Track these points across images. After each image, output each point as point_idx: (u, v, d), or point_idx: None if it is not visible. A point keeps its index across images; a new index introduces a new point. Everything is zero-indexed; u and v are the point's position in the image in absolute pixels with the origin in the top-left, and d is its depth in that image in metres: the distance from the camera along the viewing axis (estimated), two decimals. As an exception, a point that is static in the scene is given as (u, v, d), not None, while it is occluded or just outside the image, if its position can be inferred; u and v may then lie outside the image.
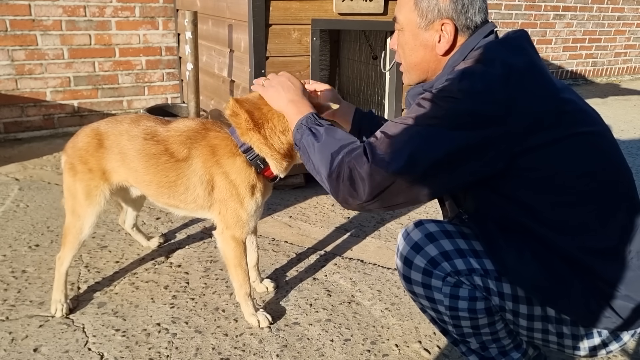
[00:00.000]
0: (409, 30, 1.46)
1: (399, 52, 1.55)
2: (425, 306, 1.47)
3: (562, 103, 1.28)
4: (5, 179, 3.15)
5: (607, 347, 1.37)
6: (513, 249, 1.32)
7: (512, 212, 1.32)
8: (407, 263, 1.41)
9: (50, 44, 3.82)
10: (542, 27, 6.34)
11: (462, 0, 1.37)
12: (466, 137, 1.23)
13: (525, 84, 1.25)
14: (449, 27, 1.40)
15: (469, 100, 1.24)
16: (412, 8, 1.43)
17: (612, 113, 5.49)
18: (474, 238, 1.41)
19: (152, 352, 1.77)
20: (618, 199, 1.31)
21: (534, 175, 1.27)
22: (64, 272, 1.94)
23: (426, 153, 1.25)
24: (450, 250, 1.38)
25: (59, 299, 1.94)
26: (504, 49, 1.34)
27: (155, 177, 1.82)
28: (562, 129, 1.25)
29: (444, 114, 1.25)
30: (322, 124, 1.46)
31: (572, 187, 1.27)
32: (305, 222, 2.79)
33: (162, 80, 4.32)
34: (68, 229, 1.93)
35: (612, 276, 1.28)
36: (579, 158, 1.27)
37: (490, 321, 1.42)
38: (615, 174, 1.32)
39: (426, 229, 1.40)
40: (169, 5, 4.14)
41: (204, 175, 1.78)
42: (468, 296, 1.37)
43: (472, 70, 1.28)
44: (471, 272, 1.36)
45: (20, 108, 3.86)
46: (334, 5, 2.87)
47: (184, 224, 2.69)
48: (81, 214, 1.90)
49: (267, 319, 1.93)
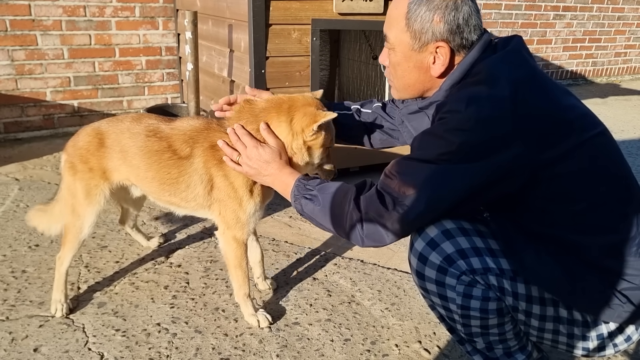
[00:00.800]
0: (401, 52, 1.42)
1: (389, 70, 1.50)
2: (436, 303, 1.45)
3: (565, 113, 1.28)
4: (5, 179, 3.15)
5: (616, 347, 1.38)
6: (531, 249, 1.32)
7: (530, 217, 1.33)
8: (422, 259, 1.38)
9: (50, 44, 3.82)
10: (542, 27, 6.34)
11: (456, 21, 1.32)
12: (484, 167, 1.22)
13: (532, 100, 1.23)
14: (444, 50, 1.36)
15: (480, 129, 1.21)
16: (404, 29, 1.38)
17: (612, 113, 5.49)
18: (490, 236, 1.40)
19: (152, 352, 1.77)
20: (626, 193, 1.32)
21: (551, 185, 1.27)
22: (63, 272, 1.94)
23: (445, 194, 1.25)
24: (466, 248, 1.35)
25: (59, 299, 1.94)
26: (506, 64, 1.30)
27: (158, 174, 1.82)
28: (574, 138, 1.25)
29: (457, 148, 1.23)
30: (312, 187, 1.47)
31: (587, 191, 1.28)
32: (305, 222, 2.79)
33: (162, 80, 4.32)
34: (68, 228, 1.92)
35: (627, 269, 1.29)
36: (590, 163, 1.28)
37: (500, 322, 1.41)
38: (620, 169, 1.34)
39: (442, 225, 1.36)
40: (169, 5, 4.14)
41: (204, 174, 1.78)
42: (481, 296, 1.35)
43: (477, 94, 1.25)
44: (487, 272, 1.34)
45: (20, 108, 3.86)
46: (334, 5, 2.87)
47: (184, 224, 2.69)
48: (81, 213, 1.89)
49: (267, 319, 1.93)
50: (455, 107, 1.26)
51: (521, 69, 1.29)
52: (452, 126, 1.25)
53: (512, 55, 1.33)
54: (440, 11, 1.32)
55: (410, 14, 1.35)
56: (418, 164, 1.28)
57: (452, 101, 1.29)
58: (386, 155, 3.38)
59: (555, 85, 1.34)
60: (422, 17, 1.33)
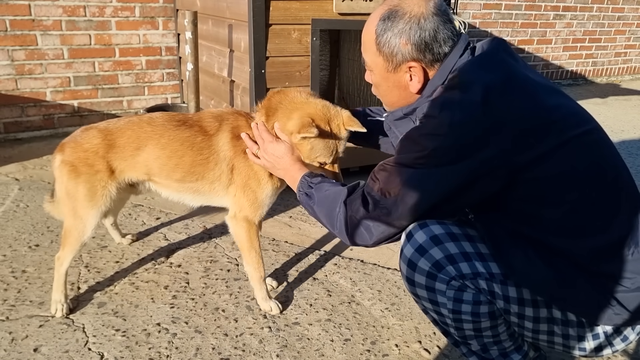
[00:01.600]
0: (379, 73, 1.48)
1: (374, 88, 1.57)
2: (428, 308, 1.47)
3: (547, 113, 1.27)
4: (5, 179, 3.15)
5: (613, 347, 1.38)
6: (519, 251, 1.32)
7: (515, 220, 1.33)
8: (411, 265, 1.39)
9: (50, 44, 3.82)
10: (542, 27, 6.34)
11: (423, 40, 1.36)
12: (457, 170, 1.25)
13: (505, 102, 1.24)
14: (416, 69, 1.40)
15: (452, 134, 1.25)
16: (376, 53, 1.43)
17: (612, 113, 5.49)
18: (479, 240, 1.40)
19: (152, 352, 1.77)
20: (617, 193, 1.31)
21: (531, 188, 1.27)
22: (63, 272, 1.94)
23: (423, 196, 1.29)
24: (455, 253, 1.36)
25: (59, 299, 1.94)
26: (479, 68, 1.33)
27: (187, 159, 1.87)
28: (554, 139, 1.25)
29: (431, 153, 1.27)
30: (312, 184, 1.54)
31: (572, 193, 1.27)
32: (305, 222, 2.79)
33: (162, 80, 4.32)
34: (69, 231, 1.91)
35: (618, 272, 1.28)
36: (575, 163, 1.27)
37: (493, 324, 1.42)
38: (612, 168, 1.33)
39: (431, 231, 1.37)
40: (169, 5, 4.14)
41: (228, 150, 1.87)
42: (472, 300, 1.36)
43: (449, 99, 1.28)
44: (476, 276, 1.35)
45: (20, 108, 3.86)
46: (334, 5, 2.87)
47: (184, 225, 2.69)
48: (84, 216, 1.88)
49: (278, 307, 2.00)
50: (431, 112, 1.31)
51: (495, 72, 1.30)
52: (427, 131, 1.30)
53: (486, 58, 1.35)
54: (405, 34, 1.36)
55: (379, 39, 1.41)
56: (397, 168, 1.33)
57: (429, 106, 1.33)
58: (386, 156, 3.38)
59: (539, 85, 1.33)
60: (390, 42, 1.39)
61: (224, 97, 3.38)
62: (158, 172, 1.91)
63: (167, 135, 1.87)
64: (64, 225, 1.93)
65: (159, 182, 1.96)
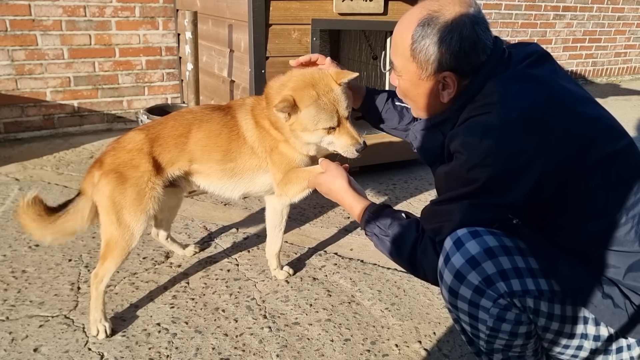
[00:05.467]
0: (409, 79, 1.41)
1: (399, 92, 1.52)
2: (463, 320, 1.39)
3: (588, 127, 1.26)
4: (5, 179, 3.15)
5: None
6: (567, 263, 1.32)
7: (559, 233, 1.33)
8: (459, 277, 1.30)
9: (50, 44, 3.82)
10: (542, 27, 6.34)
11: (463, 49, 1.30)
12: (511, 195, 1.25)
13: (546, 120, 1.23)
14: (451, 79, 1.35)
15: (500, 161, 1.23)
16: (410, 59, 1.36)
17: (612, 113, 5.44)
18: (529, 253, 1.34)
19: (152, 352, 1.77)
20: None
21: (576, 201, 1.27)
22: (102, 290, 1.85)
23: (480, 224, 1.31)
24: (508, 269, 1.29)
25: (99, 319, 1.84)
26: (516, 85, 1.28)
27: (225, 136, 1.95)
28: (596, 154, 1.24)
29: (483, 185, 1.25)
30: (382, 227, 1.51)
31: (612, 206, 1.27)
32: (305, 222, 2.79)
33: (162, 80, 4.32)
34: (114, 242, 1.82)
35: None
36: (616, 177, 1.26)
37: (525, 343, 1.37)
38: None
39: (485, 242, 1.29)
40: (169, 5, 4.14)
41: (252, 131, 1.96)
42: (514, 320, 1.30)
43: (489, 124, 1.24)
44: (525, 294, 1.29)
45: (20, 108, 3.86)
46: (334, 5, 2.87)
47: (185, 225, 2.69)
48: (131, 223, 1.82)
49: (288, 272, 2.27)
50: (470, 140, 1.26)
51: (538, 91, 1.26)
52: (473, 164, 1.26)
53: (523, 73, 1.31)
54: (445, 43, 1.30)
55: (415, 45, 1.33)
56: (451, 205, 1.33)
57: (465, 133, 1.28)
58: (386, 156, 3.38)
59: (577, 97, 1.30)
60: (428, 49, 1.32)
61: (224, 97, 3.38)
62: (200, 156, 1.93)
63: (207, 119, 1.95)
64: (105, 239, 1.84)
65: (200, 170, 1.96)
